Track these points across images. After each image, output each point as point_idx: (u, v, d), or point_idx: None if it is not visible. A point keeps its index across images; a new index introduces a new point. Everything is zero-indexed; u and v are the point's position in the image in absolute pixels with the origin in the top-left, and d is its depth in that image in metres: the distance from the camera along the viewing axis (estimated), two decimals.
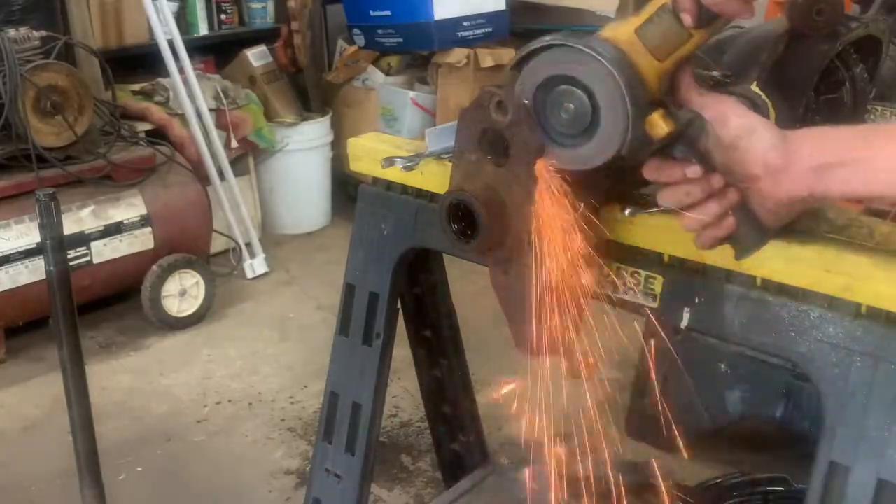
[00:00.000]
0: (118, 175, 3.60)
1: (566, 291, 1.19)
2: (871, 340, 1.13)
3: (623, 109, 1.05)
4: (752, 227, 1.11)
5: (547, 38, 1.09)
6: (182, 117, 4.09)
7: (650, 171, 1.12)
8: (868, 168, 1.01)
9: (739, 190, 1.09)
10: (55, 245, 1.94)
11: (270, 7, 4.88)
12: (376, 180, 1.70)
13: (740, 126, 1.07)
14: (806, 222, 1.18)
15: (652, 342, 1.40)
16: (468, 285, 2.22)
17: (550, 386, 1.27)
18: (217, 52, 4.71)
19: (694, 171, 1.08)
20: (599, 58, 1.04)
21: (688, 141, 1.09)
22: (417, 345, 2.03)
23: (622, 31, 1.07)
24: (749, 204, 1.10)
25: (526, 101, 1.12)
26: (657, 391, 1.72)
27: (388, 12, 4.53)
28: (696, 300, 1.28)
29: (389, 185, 1.68)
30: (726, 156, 1.08)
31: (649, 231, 1.30)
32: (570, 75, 1.07)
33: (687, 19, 1.03)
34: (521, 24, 4.74)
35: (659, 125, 1.06)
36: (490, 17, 4.57)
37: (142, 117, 4.06)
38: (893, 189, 1.02)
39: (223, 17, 4.70)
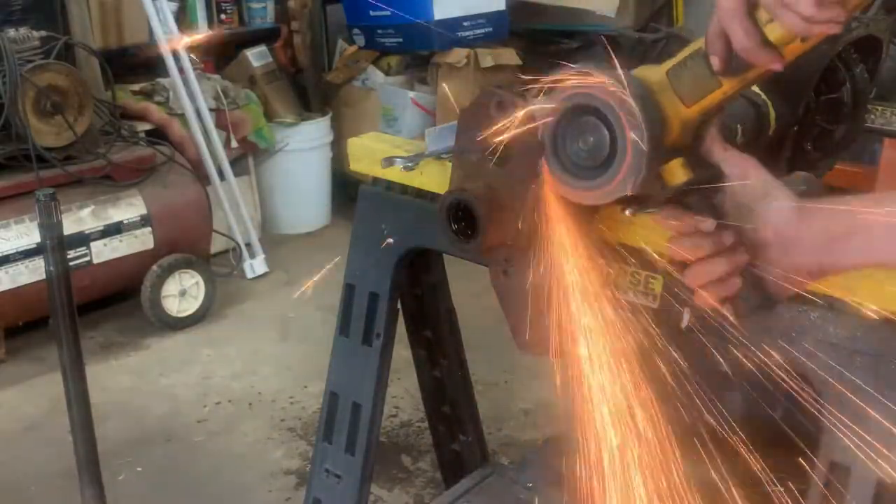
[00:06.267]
0: (118, 175, 3.60)
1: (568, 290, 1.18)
2: (871, 340, 1.13)
3: (638, 147, 1.01)
4: (755, 294, 1.09)
5: (577, 65, 1.06)
6: (182, 117, 4.09)
7: (663, 218, 1.10)
8: (880, 235, 0.97)
9: (749, 253, 1.07)
10: (55, 245, 1.94)
11: (270, 7, 4.87)
12: (376, 180, 1.70)
13: (758, 188, 1.05)
14: None
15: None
16: (468, 285, 2.21)
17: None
18: (217, 53, 4.71)
19: (707, 224, 1.06)
20: (623, 90, 1.00)
21: (704, 193, 1.07)
22: (417, 345, 2.03)
23: (655, 71, 1.05)
24: (756, 269, 1.07)
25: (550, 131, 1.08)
26: None
27: (388, 12, 4.53)
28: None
29: (389, 185, 1.68)
30: (740, 216, 1.06)
31: (649, 231, 1.29)
32: (593, 105, 1.04)
33: (716, 62, 1.00)
34: (521, 24, 4.74)
35: (676, 174, 1.04)
36: (490, 17, 4.57)
37: (142, 117, 4.06)
38: None
39: (223, 17, 4.70)
